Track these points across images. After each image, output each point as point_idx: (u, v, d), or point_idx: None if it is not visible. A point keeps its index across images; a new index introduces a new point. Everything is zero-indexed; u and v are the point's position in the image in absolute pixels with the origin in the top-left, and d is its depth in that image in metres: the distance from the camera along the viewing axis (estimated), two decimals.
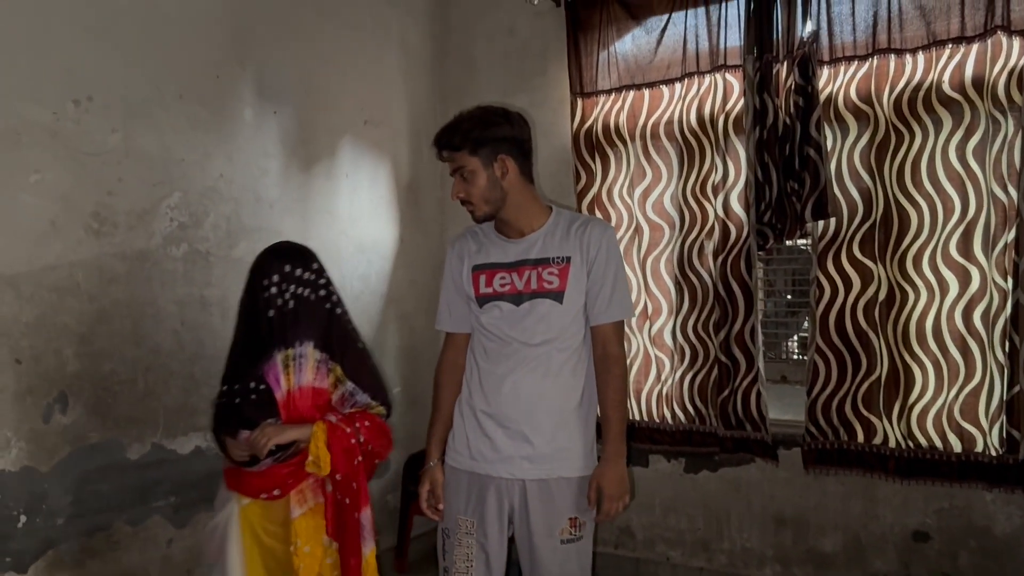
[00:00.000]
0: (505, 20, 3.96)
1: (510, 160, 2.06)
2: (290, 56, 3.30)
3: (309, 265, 2.17)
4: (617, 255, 2.13)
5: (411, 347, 3.94)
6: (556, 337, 2.09)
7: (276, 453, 2.06)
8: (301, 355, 2.09)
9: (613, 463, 2.08)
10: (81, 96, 2.55)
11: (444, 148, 2.07)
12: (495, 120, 2.07)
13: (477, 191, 2.06)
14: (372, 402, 2.16)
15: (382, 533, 3.76)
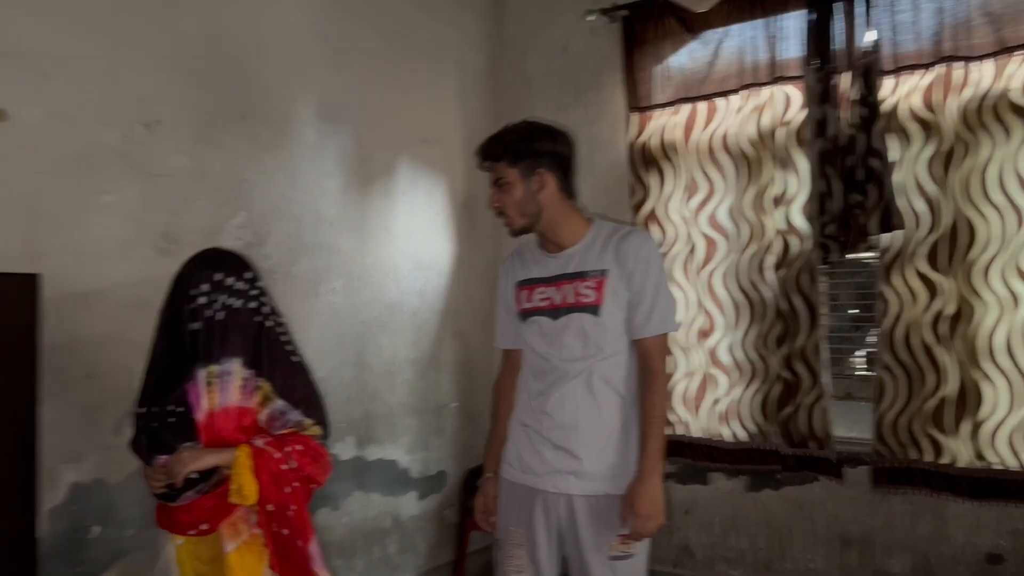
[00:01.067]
0: (559, 37, 3.98)
1: (549, 175, 2.06)
2: (350, 78, 3.37)
3: (242, 273, 1.93)
4: (658, 267, 2.09)
5: (467, 362, 3.96)
6: (595, 352, 2.06)
7: (198, 483, 1.84)
8: (227, 372, 1.87)
9: (646, 481, 2.00)
10: (151, 119, 2.65)
11: (485, 158, 2.10)
12: (538, 134, 2.07)
13: (512, 202, 2.06)
14: (305, 420, 1.92)
15: (440, 548, 3.78)
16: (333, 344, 3.29)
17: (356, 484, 3.38)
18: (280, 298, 3.00)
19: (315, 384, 2.00)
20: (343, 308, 3.33)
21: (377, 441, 3.49)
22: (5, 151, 2.30)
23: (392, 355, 3.57)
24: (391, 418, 3.56)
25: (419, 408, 3.71)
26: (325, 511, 3.23)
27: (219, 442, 1.86)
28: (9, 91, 2.31)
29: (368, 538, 3.43)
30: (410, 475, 3.65)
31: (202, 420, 1.85)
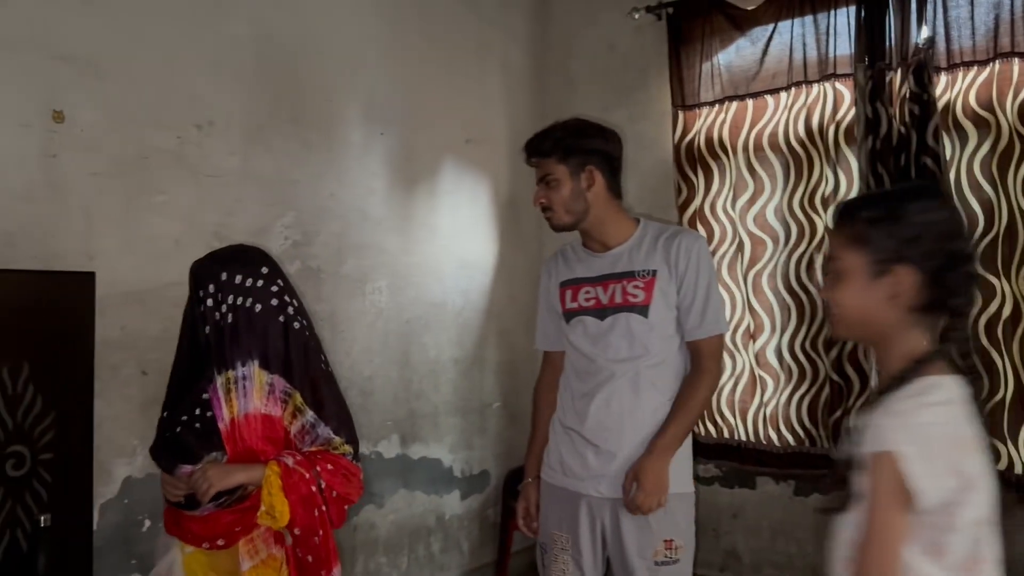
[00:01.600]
0: (605, 36, 3.96)
1: (598, 173, 2.05)
2: (396, 79, 3.39)
3: (253, 271, 1.80)
4: (709, 268, 2.06)
5: (510, 362, 3.97)
6: (642, 353, 2.04)
7: (220, 496, 1.74)
8: (245, 377, 1.76)
9: (657, 457, 1.97)
10: (203, 121, 2.70)
11: (533, 154, 2.08)
12: (587, 131, 2.07)
13: (559, 199, 2.04)
14: (335, 437, 1.81)
15: (483, 547, 3.79)
16: (379, 343, 3.31)
17: (401, 482, 3.40)
18: (327, 297, 3.07)
19: (344, 396, 1.90)
20: (388, 307, 3.36)
21: (421, 440, 3.51)
22: (63, 152, 2.36)
23: (436, 354, 3.59)
24: (435, 417, 3.58)
25: (463, 407, 3.72)
26: (370, 508, 3.26)
27: (244, 453, 1.76)
28: (67, 94, 2.37)
29: (413, 536, 3.46)
30: (453, 474, 3.67)
31: (225, 429, 1.76)
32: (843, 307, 1.16)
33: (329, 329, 3.09)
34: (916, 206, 1.09)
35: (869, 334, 1.17)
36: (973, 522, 1.08)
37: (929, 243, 1.07)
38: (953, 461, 1.07)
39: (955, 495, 1.07)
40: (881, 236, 1.09)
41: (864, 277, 1.11)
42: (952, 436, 1.08)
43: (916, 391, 1.09)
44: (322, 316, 3.07)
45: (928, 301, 1.10)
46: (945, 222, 1.09)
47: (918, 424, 1.06)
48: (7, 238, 2.24)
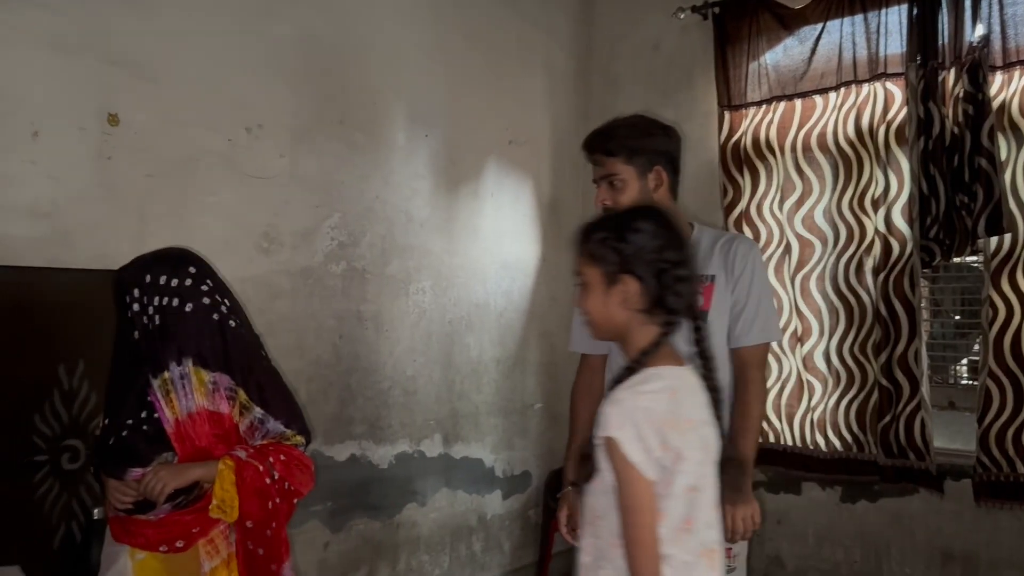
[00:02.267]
0: (650, 36, 3.94)
1: (665, 174, 2.01)
2: (440, 81, 3.41)
3: (178, 271, 1.77)
4: (763, 275, 2.04)
5: (552, 363, 3.96)
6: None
7: (177, 497, 1.71)
8: (182, 376, 1.73)
9: (742, 494, 1.93)
10: (252, 124, 2.75)
11: (597, 152, 2.00)
12: (654, 131, 2.01)
13: (626, 200, 1.97)
14: (286, 431, 1.80)
15: (524, 548, 3.79)
16: (422, 343, 3.34)
17: (443, 481, 3.42)
18: (372, 298, 3.10)
19: (290, 389, 1.89)
20: (432, 308, 3.38)
21: (463, 439, 3.52)
22: (117, 154, 2.42)
23: (478, 355, 3.60)
24: (477, 417, 3.59)
25: (504, 408, 3.73)
26: (412, 506, 3.28)
27: (195, 452, 1.74)
28: (121, 97, 2.43)
29: (454, 535, 3.47)
30: (495, 474, 3.68)
31: (171, 431, 1.73)
32: (590, 313, 1.39)
33: (373, 329, 3.12)
34: (635, 226, 1.34)
35: (613, 333, 1.39)
36: (686, 488, 1.30)
37: (646, 257, 1.32)
38: (664, 438, 1.28)
39: (669, 466, 1.29)
40: (609, 253, 1.33)
41: (601, 287, 1.35)
42: (664, 417, 1.28)
43: (636, 381, 1.33)
44: (367, 316, 3.10)
45: (650, 303, 1.34)
46: (658, 238, 1.33)
47: (632, 409, 1.28)
48: (64, 238, 2.30)
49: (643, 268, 1.33)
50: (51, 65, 2.29)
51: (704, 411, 1.39)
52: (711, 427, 1.40)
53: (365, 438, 3.10)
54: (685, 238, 1.38)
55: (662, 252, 1.33)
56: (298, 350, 2.86)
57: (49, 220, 2.28)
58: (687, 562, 1.31)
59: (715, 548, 1.36)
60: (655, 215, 1.38)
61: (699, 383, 1.42)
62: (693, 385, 1.39)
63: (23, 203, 2.24)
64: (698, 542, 1.33)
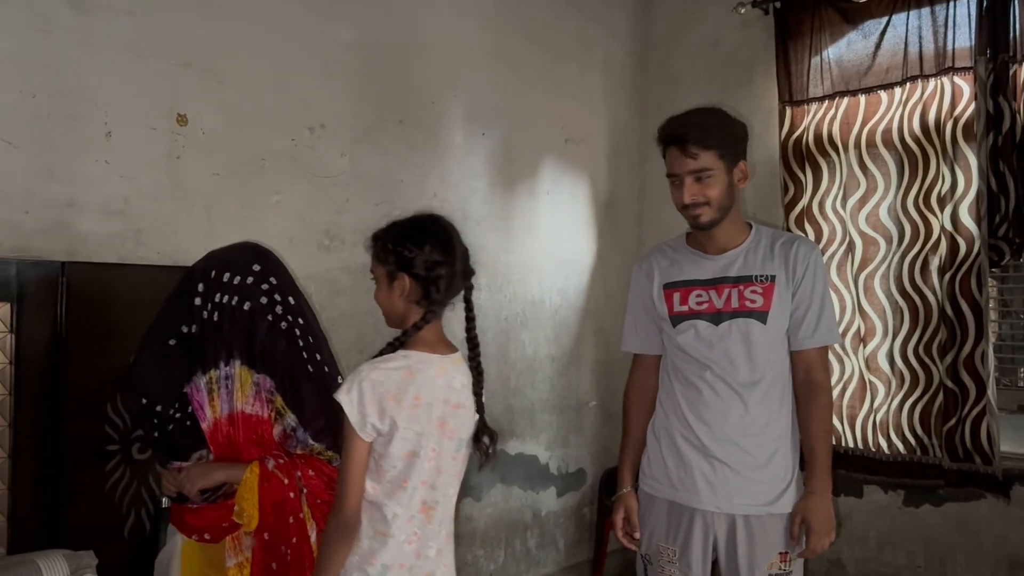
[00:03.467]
0: (709, 32, 3.90)
1: (747, 168, 1.98)
2: (498, 80, 3.43)
3: (244, 269, 1.77)
4: (824, 277, 2.01)
5: (607, 361, 3.96)
6: (760, 360, 1.97)
7: (206, 492, 1.75)
8: (228, 376, 1.73)
9: (820, 496, 1.94)
10: (315, 124, 2.80)
11: (691, 144, 1.90)
12: (736, 124, 1.98)
13: (715, 195, 1.92)
14: (314, 444, 1.75)
15: (579, 545, 3.80)
16: None
17: (498, 476, 3.45)
18: None
19: (332, 400, 1.70)
20: (487, 304, 3.41)
21: (518, 436, 3.54)
22: (187, 154, 2.50)
23: (533, 352, 3.61)
24: (532, 414, 3.61)
25: (559, 405, 3.74)
26: (468, 501, 3.31)
27: (229, 453, 1.75)
28: (189, 98, 2.51)
29: (509, 530, 3.50)
30: (550, 471, 3.69)
31: (208, 429, 1.75)
32: (379, 304, 1.66)
33: None
34: (412, 234, 1.59)
35: (397, 321, 1.64)
36: (404, 453, 1.55)
37: (417, 259, 1.58)
38: (383, 408, 1.52)
39: (386, 433, 1.54)
40: (390, 254, 1.60)
41: (385, 283, 1.62)
42: (388, 391, 1.52)
43: (382, 358, 1.58)
44: None
45: (420, 295, 1.60)
46: (427, 244, 1.58)
47: (363, 379, 1.53)
48: (136, 235, 2.38)
49: (414, 268, 1.58)
50: (124, 67, 2.37)
51: (454, 393, 1.62)
52: (460, 406, 1.63)
53: None
54: (451, 241, 1.62)
55: (430, 255, 1.58)
56: (358, 345, 2.91)
57: (122, 218, 2.37)
58: (397, 514, 1.56)
59: (435, 505, 1.61)
60: (430, 224, 1.64)
61: (460, 369, 1.65)
62: (443, 370, 1.60)
63: (98, 201, 2.33)
64: (415, 499, 1.58)
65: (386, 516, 1.57)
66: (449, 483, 1.65)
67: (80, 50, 2.28)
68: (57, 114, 2.25)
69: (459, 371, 1.65)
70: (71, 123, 2.27)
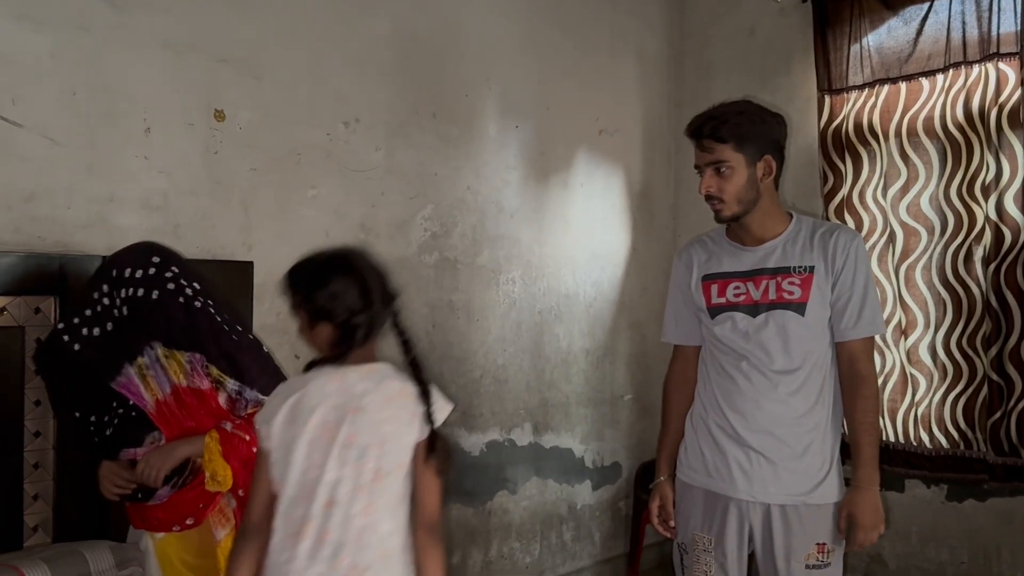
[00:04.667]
0: (745, 21, 3.85)
1: (774, 163, 1.96)
2: (531, 72, 3.42)
3: (143, 262, 1.85)
4: (867, 267, 1.97)
5: (642, 354, 3.93)
6: (797, 351, 1.95)
7: (172, 478, 1.80)
8: (155, 359, 1.82)
9: (866, 490, 1.93)
10: (350, 118, 2.82)
11: (706, 137, 1.93)
12: (765, 117, 1.96)
13: (733, 189, 1.93)
14: (262, 397, 1.83)
15: (615, 539, 3.78)
16: (512, 332, 3.36)
17: (533, 470, 3.44)
18: (463, 287, 3.15)
19: (270, 358, 1.93)
20: (522, 297, 3.40)
21: (553, 429, 3.54)
22: (224, 149, 2.52)
23: (568, 345, 3.60)
24: (567, 407, 3.60)
25: (594, 398, 3.73)
26: (504, 494, 3.32)
27: (183, 431, 1.82)
28: (227, 94, 2.53)
29: (545, 523, 3.50)
30: (585, 464, 3.68)
31: (153, 411, 1.82)
32: (307, 343, 1.62)
33: (465, 318, 3.17)
34: (320, 281, 1.55)
35: (316, 349, 1.61)
36: (302, 467, 1.50)
37: (333, 307, 1.54)
38: (285, 423, 1.52)
39: (288, 445, 1.51)
40: (301, 308, 1.57)
41: (304, 315, 1.58)
42: (292, 408, 1.52)
43: (292, 379, 1.62)
44: (458, 305, 3.15)
45: (337, 337, 1.55)
46: (339, 288, 1.54)
47: (274, 395, 1.58)
48: (176, 229, 2.41)
49: (332, 319, 1.54)
50: (162, 64, 2.40)
51: (353, 399, 1.52)
52: (362, 411, 1.52)
53: (457, 426, 3.15)
54: (365, 281, 1.56)
55: (345, 302, 1.53)
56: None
57: (161, 212, 2.40)
58: (276, 529, 1.51)
59: (324, 523, 1.50)
60: (339, 268, 1.58)
61: (370, 377, 1.55)
62: (338, 377, 1.54)
63: (137, 196, 2.36)
64: (294, 516, 1.50)
65: (276, 528, 1.52)
66: (355, 499, 1.50)
67: (119, 47, 2.31)
68: (97, 111, 2.28)
69: (368, 379, 1.54)
70: (111, 119, 2.31)
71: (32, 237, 2.17)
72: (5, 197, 2.14)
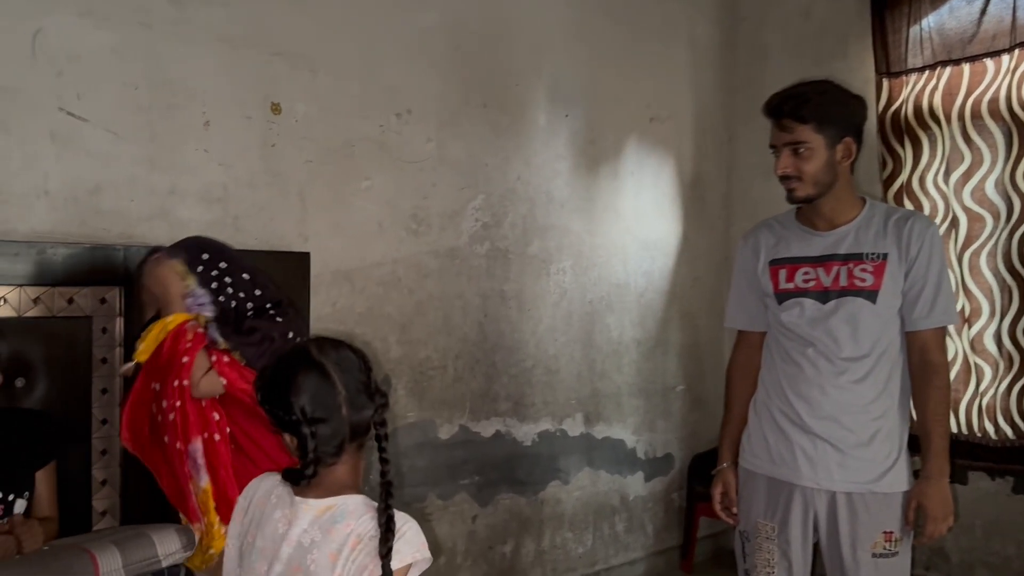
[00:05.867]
0: (800, 4, 3.77)
1: (855, 146, 1.91)
2: (581, 60, 3.40)
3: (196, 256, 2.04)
4: (941, 255, 1.92)
5: (694, 345, 3.89)
6: (866, 339, 1.91)
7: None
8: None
9: (936, 481, 1.89)
10: (402, 110, 2.83)
11: (786, 116, 1.89)
12: (847, 99, 1.93)
13: (811, 170, 1.88)
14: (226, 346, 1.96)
15: (668, 531, 3.76)
16: (563, 322, 3.35)
17: (585, 460, 3.44)
18: (514, 277, 3.16)
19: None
20: (572, 287, 3.39)
21: (605, 420, 3.52)
22: (281, 142, 2.56)
23: (619, 335, 3.58)
24: (618, 398, 3.58)
25: (646, 389, 3.70)
26: (556, 484, 3.32)
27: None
28: (283, 87, 2.56)
29: (597, 514, 3.49)
30: (637, 455, 3.66)
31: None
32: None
33: (516, 308, 3.17)
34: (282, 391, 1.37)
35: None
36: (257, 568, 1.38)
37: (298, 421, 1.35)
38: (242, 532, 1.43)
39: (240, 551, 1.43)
40: (258, 396, 1.43)
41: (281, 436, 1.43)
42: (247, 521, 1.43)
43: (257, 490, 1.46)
44: (510, 295, 3.15)
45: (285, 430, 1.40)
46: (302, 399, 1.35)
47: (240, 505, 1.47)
48: (235, 221, 2.45)
49: (287, 425, 1.37)
50: (220, 58, 2.44)
51: (299, 552, 1.33)
52: (302, 571, 1.32)
53: (509, 415, 3.16)
54: (332, 388, 1.36)
55: (308, 413, 1.35)
56: (446, 328, 2.94)
57: (221, 204, 2.44)
58: None
59: None
60: (302, 375, 1.37)
61: (321, 520, 1.34)
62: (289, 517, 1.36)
63: (197, 189, 2.41)
64: None
65: None
66: None
67: (178, 42, 2.36)
68: (158, 105, 2.33)
69: (319, 524, 1.34)
70: (171, 113, 2.35)
71: (97, 229, 2.23)
72: (72, 190, 2.20)
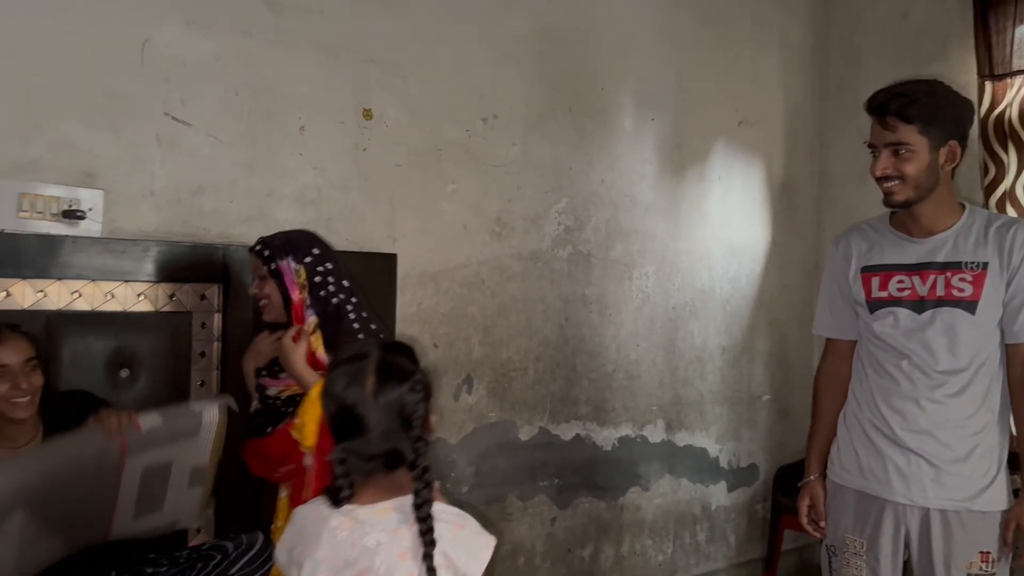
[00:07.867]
0: (898, 5, 3.65)
1: (959, 150, 1.83)
2: (668, 64, 3.38)
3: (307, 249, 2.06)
4: None
5: (782, 354, 3.81)
6: (963, 352, 1.83)
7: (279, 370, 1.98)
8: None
9: None
10: (488, 114, 2.88)
11: (891, 115, 1.81)
12: (955, 101, 1.84)
13: (912, 172, 1.80)
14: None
15: (751, 542, 3.69)
16: (645, 327, 3.34)
17: (666, 467, 3.41)
18: (596, 281, 3.17)
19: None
20: (655, 292, 3.37)
21: (687, 427, 3.48)
22: (372, 146, 2.64)
23: (703, 342, 3.54)
24: (701, 405, 3.54)
25: (730, 398, 3.64)
26: (636, 490, 3.30)
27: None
28: (375, 93, 2.64)
29: (678, 522, 3.45)
30: (719, 465, 3.60)
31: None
32: None
33: (598, 312, 3.17)
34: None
35: None
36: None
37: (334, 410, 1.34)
38: (292, 546, 1.35)
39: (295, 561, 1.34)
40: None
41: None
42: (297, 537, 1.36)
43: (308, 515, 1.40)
44: (591, 299, 3.16)
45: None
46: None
47: (290, 525, 1.41)
48: (328, 223, 2.54)
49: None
50: (315, 65, 2.53)
51: (365, 555, 1.26)
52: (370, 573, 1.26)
53: (589, 419, 3.16)
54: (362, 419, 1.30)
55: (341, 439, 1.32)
56: (528, 330, 2.97)
57: (315, 206, 2.53)
58: None
59: None
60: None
61: (382, 522, 1.29)
62: (347, 524, 1.29)
63: (293, 191, 2.50)
64: None
65: None
66: None
67: (276, 49, 2.46)
68: (257, 111, 2.44)
69: (379, 525, 1.28)
70: (269, 119, 2.46)
71: (199, 229, 2.35)
72: (176, 191, 2.32)
